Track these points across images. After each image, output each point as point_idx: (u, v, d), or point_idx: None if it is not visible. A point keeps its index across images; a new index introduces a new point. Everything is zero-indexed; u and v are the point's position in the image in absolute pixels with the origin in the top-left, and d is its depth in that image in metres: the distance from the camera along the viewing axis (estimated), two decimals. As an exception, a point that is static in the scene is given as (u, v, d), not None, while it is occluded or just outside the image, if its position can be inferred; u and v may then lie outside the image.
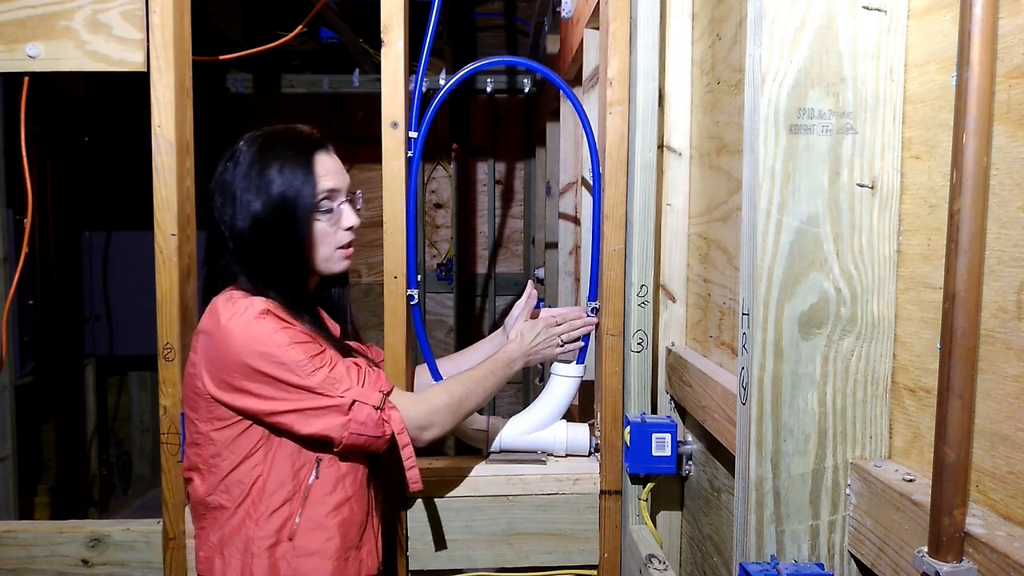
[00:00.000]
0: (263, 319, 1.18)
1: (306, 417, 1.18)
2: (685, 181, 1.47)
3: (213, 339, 1.19)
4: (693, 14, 1.45)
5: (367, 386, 1.22)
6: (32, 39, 1.39)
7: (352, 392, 1.20)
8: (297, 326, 1.21)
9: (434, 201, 4.10)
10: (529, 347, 1.47)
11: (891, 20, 0.86)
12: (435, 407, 1.30)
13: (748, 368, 0.90)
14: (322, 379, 1.18)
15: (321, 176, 1.25)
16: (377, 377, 1.25)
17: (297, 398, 1.18)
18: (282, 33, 2.01)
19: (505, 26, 3.85)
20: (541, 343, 1.48)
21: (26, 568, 1.43)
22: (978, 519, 0.70)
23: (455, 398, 1.33)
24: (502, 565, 1.49)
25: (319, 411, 1.18)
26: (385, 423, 1.22)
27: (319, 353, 1.20)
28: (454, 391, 1.34)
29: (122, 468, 3.74)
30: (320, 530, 1.23)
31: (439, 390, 1.35)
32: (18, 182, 2.61)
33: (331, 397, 1.18)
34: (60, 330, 3.13)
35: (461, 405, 1.33)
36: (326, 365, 1.19)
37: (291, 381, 1.17)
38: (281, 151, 1.24)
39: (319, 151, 1.27)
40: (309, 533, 1.22)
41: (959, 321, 0.68)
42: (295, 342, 1.18)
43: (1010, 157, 0.68)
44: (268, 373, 1.17)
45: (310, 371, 1.17)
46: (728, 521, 1.25)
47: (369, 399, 1.21)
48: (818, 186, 0.87)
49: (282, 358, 1.16)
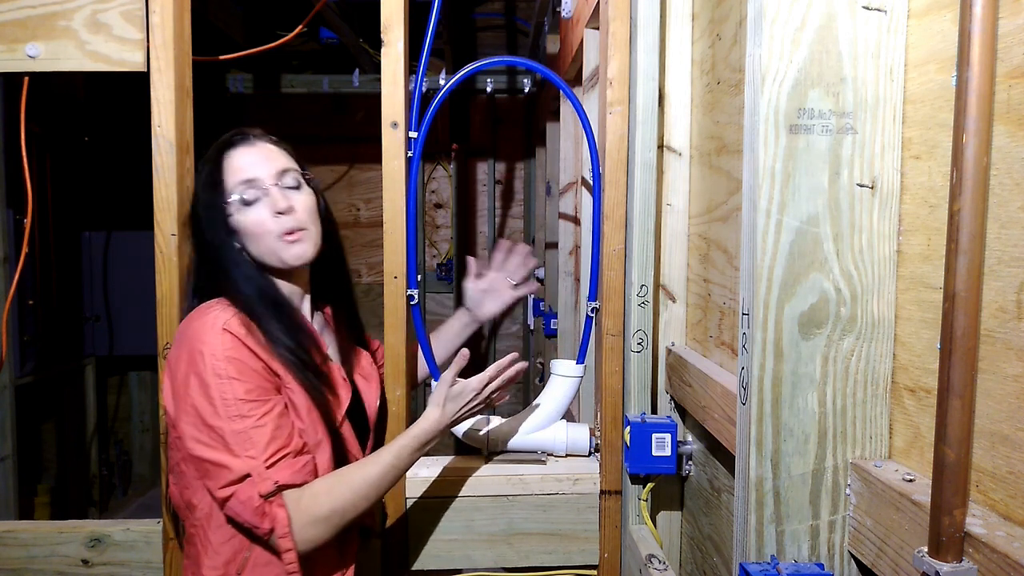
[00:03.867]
0: (223, 336, 1.12)
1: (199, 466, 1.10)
2: (685, 181, 1.47)
3: (175, 344, 1.16)
4: (693, 14, 1.45)
5: (273, 468, 1.09)
6: (32, 39, 1.39)
7: (252, 464, 1.08)
8: (260, 353, 1.14)
9: (434, 201, 4.10)
10: (451, 419, 1.26)
11: (891, 20, 0.86)
12: (319, 516, 1.12)
13: (748, 368, 0.90)
14: (241, 429, 1.09)
15: (232, 170, 1.21)
16: (290, 464, 1.11)
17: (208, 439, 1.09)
18: (282, 33, 2.01)
19: (505, 26, 3.85)
20: (466, 410, 1.27)
21: (26, 568, 1.43)
22: (978, 519, 0.70)
23: (344, 503, 1.14)
24: (502, 565, 1.49)
25: (212, 465, 1.09)
26: (265, 516, 1.08)
27: (259, 399, 1.11)
28: (345, 494, 1.15)
29: (122, 468, 3.74)
30: (272, 565, 1.14)
31: (331, 493, 1.14)
32: (18, 182, 2.61)
33: (232, 455, 1.08)
34: (60, 330, 3.13)
35: (344, 516, 1.15)
36: (253, 416, 1.10)
37: (208, 420, 1.09)
38: (205, 158, 1.24)
39: (232, 148, 1.22)
40: (260, 568, 1.15)
41: (959, 321, 0.68)
42: (239, 375, 1.10)
43: (1010, 157, 0.68)
44: (194, 402, 1.10)
45: (233, 414, 1.09)
46: (728, 521, 1.25)
47: (261, 484, 1.08)
48: (818, 186, 0.87)
49: (212, 391, 1.09)
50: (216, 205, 1.20)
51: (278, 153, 1.25)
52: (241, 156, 1.22)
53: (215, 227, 1.21)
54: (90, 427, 3.47)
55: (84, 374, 3.40)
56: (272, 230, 1.20)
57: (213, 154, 1.23)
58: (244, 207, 1.20)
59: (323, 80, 3.52)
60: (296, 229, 1.21)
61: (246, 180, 1.20)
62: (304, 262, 1.23)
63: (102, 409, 3.60)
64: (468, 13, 3.71)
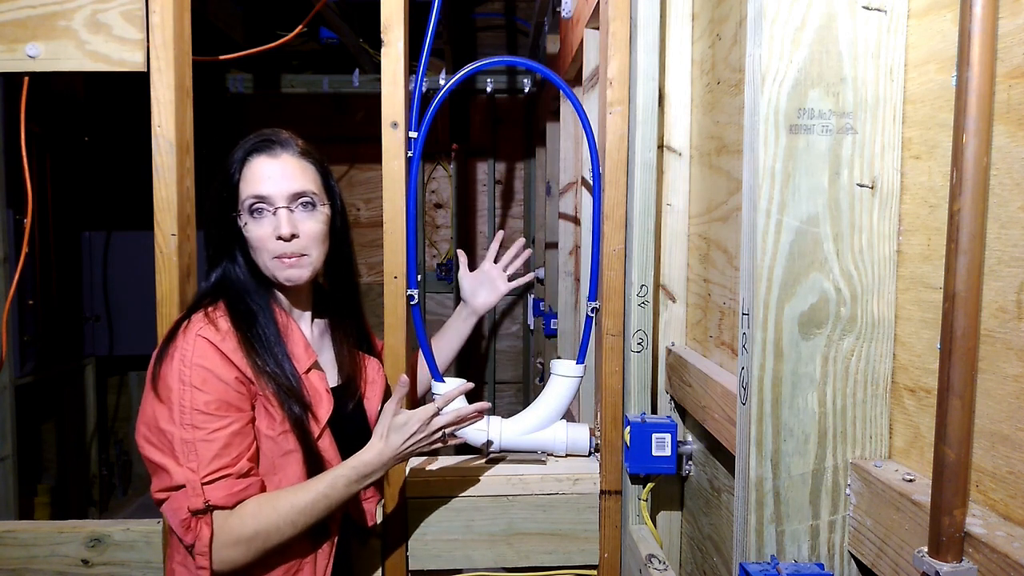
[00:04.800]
0: (196, 341, 1.14)
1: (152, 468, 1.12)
2: (685, 181, 1.47)
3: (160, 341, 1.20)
4: (693, 14, 1.45)
5: (210, 486, 1.09)
6: (32, 39, 1.39)
7: (190, 476, 1.09)
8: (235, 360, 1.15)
9: (434, 201, 4.10)
10: (395, 453, 1.20)
11: (891, 20, 0.86)
12: (241, 537, 1.12)
13: (748, 368, 0.90)
14: (189, 439, 1.10)
15: (249, 179, 1.21)
16: (227, 485, 1.11)
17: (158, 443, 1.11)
18: (282, 33, 2.01)
19: (505, 26, 3.85)
20: (413, 443, 1.22)
21: (26, 568, 1.43)
22: (978, 519, 0.70)
23: (268, 526, 1.13)
24: (502, 565, 1.49)
25: (155, 467, 1.11)
26: (189, 531, 1.10)
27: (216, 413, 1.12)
28: (271, 517, 1.13)
29: (122, 468, 3.74)
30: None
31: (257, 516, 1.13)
32: (18, 182, 2.61)
33: (176, 462, 1.10)
34: (60, 330, 3.13)
35: (267, 540, 1.13)
36: (205, 429, 1.10)
37: (161, 423, 1.11)
38: (232, 156, 1.24)
39: (256, 155, 1.22)
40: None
41: (959, 321, 0.68)
42: (202, 385, 1.11)
43: (1010, 157, 0.68)
44: (153, 402, 1.12)
45: (187, 423, 1.10)
46: (728, 521, 1.25)
47: (193, 499, 1.09)
48: (818, 186, 0.87)
49: (172, 395, 1.10)
50: (228, 208, 1.22)
51: (300, 170, 1.23)
52: (261, 167, 1.21)
53: (223, 226, 1.24)
54: (90, 427, 3.47)
55: (84, 374, 3.40)
56: (271, 249, 1.21)
57: (240, 155, 1.23)
58: (251, 218, 1.21)
59: (323, 80, 3.52)
60: (294, 255, 1.21)
61: (257, 195, 1.20)
62: (298, 284, 1.24)
63: (102, 409, 3.60)
64: (468, 13, 3.71)
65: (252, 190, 1.21)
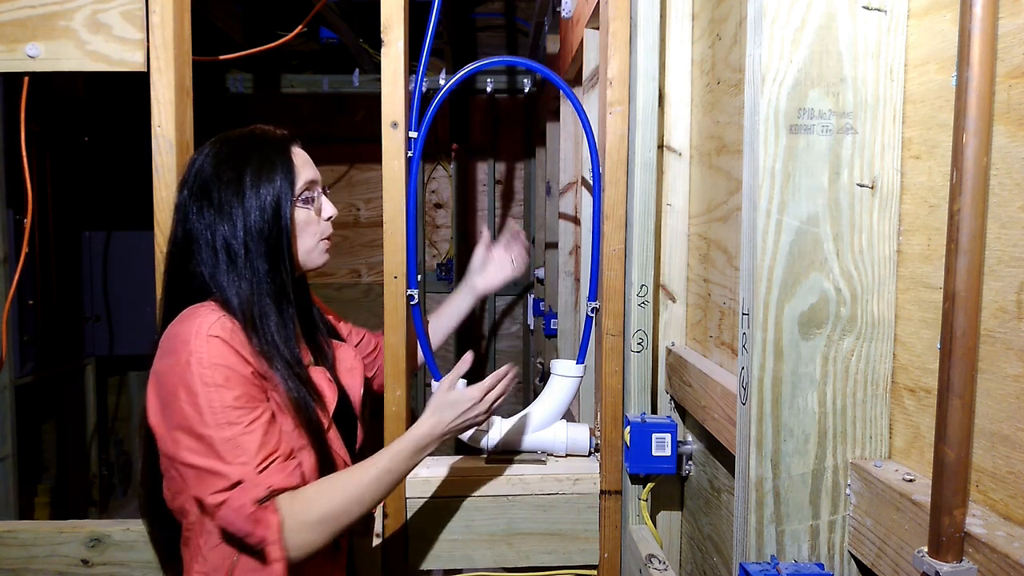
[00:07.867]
0: (210, 342, 1.10)
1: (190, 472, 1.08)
2: (685, 181, 1.47)
3: (159, 351, 1.14)
4: (693, 14, 1.45)
5: (265, 473, 1.08)
6: (32, 39, 1.39)
7: (244, 471, 1.07)
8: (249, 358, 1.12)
9: (434, 201, 4.10)
10: (447, 427, 1.24)
11: (891, 20, 0.86)
12: (310, 521, 1.11)
13: (748, 368, 0.90)
14: (230, 436, 1.07)
15: (300, 167, 1.22)
16: (281, 468, 1.11)
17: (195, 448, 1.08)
18: (282, 33, 2.01)
19: (505, 26, 3.85)
20: (466, 420, 1.26)
21: (26, 568, 1.43)
22: (978, 519, 0.70)
23: (337, 507, 1.13)
24: (502, 565, 1.49)
25: (205, 472, 1.07)
26: (258, 523, 1.07)
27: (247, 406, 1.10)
28: (337, 498, 1.14)
29: (122, 468, 3.74)
30: (258, 572, 1.11)
31: (323, 497, 1.13)
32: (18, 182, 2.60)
33: (223, 462, 1.07)
34: (60, 330, 3.13)
35: (337, 521, 1.13)
36: (242, 423, 1.09)
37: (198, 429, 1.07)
38: (257, 148, 1.20)
39: (295, 144, 1.25)
40: (247, 574, 1.13)
41: (959, 321, 0.68)
42: (226, 382, 1.09)
43: (1010, 157, 0.68)
44: (184, 413, 1.08)
45: (222, 421, 1.07)
46: (728, 521, 1.25)
47: (254, 490, 1.07)
48: (818, 186, 0.87)
49: (200, 399, 1.07)
50: (288, 193, 1.19)
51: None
52: (300, 155, 1.24)
53: (280, 213, 1.18)
54: (90, 427, 3.47)
55: (84, 374, 3.40)
56: (321, 231, 1.25)
57: (279, 145, 1.22)
58: (304, 203, 1.22)
59: (323, 80, 3.52)
60: (330, 237, 1.27)
61: (311, 180, 1.23)
62: (321, 268, 1.28)
63: (102, 409, 3.60)
64: (468, 13, 3.72)
65: (307, 176, 1.23)
